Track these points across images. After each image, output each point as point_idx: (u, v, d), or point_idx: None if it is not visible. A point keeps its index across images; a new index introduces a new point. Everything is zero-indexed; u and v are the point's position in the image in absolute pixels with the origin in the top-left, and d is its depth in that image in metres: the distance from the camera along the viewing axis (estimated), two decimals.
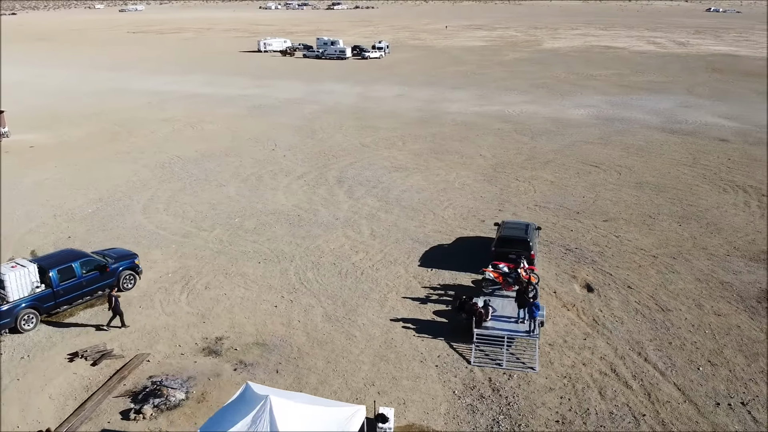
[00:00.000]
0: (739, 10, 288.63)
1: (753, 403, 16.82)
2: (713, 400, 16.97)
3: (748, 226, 30.26)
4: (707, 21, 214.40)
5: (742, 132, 51.99)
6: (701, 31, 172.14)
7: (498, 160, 43.04)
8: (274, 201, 34.65)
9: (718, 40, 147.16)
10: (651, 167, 40.99)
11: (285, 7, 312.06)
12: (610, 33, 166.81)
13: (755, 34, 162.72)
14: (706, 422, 16.10)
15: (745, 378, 17.96)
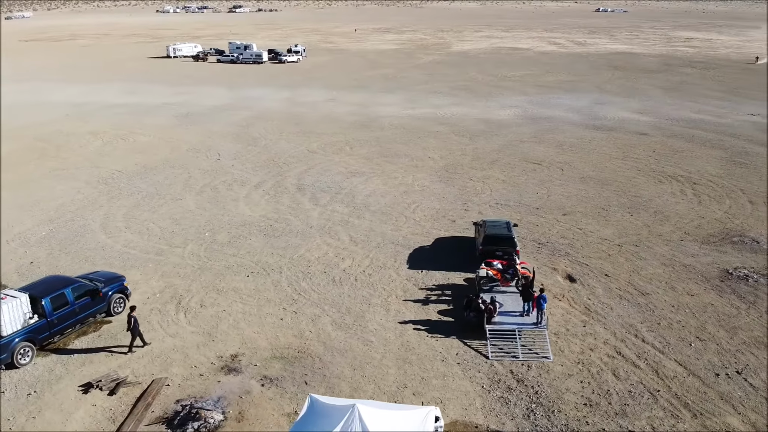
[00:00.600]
0: (626, 9, 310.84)
1: (746, 371, 18.88)
2: (712, 372, 18.90)
3: (691, 212, 33.32)
4: (598, 21, 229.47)
5: (657, 125, 56.61)
6: (595, 30, 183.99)
7: (447, 162, 44.47)
8: (239, 212, 34.09)
9: (613, 39, 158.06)
10: (588, 162, 43.90)
11: (183, 10, 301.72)
12: (512, 35, 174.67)
13: (644, 32, 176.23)
14: (712, 392, 17.93)
15: (732, 350, 20.09)
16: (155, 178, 40.75)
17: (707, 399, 17.58)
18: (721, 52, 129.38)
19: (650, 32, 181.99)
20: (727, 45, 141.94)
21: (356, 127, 57.08)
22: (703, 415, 16.91)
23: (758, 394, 17.71)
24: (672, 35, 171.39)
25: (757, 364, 19.16)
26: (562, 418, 16.94)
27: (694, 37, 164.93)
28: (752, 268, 26.23)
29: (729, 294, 23.89)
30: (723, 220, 31.97)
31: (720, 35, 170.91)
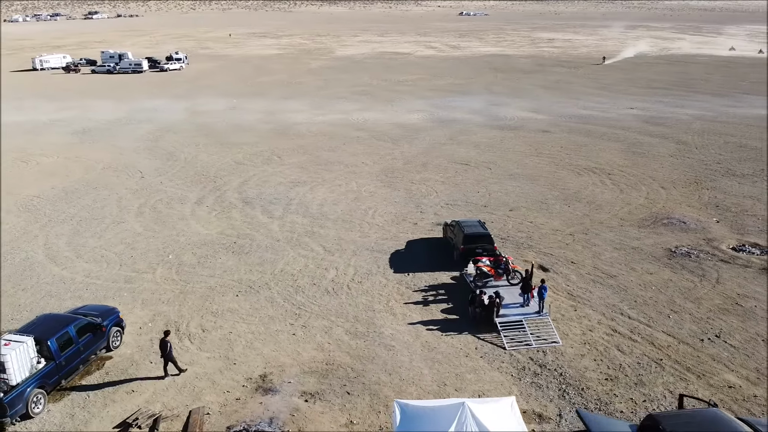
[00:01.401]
0: (487, 12, 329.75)
1: (723, 335, 21.95)
2: (697, 338, 21.76)
3: (617, 200, 37.18)
4: (464, 24, 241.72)
5: (554, 123, 61.64)
6: (464, 34, 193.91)
7: (382, 167, 45.69)
8: (193, 231, 33.04)
9: (483, 42, 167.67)
10: (509, 161, 47.12)
11: (34, 18, 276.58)
12: (389, 39, 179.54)
13: (509, 34, 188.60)
14: (703, 355, 20.71)
15: (704, 318, 23.19)
16: (82, 201, 38.14)
17: (702, 361, 20.30)
18: (583, 51, 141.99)
19: (514, 34, 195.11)
20: (586, 44, 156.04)
21: (274, 136, 56.65)
22: (705, 375, 19.55)
23: (740, 353, 20.74)
24: (534, 36, 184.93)
25: (729, 328, 22.32)
26: (593, 394, 18.80)
27: (555, 38, 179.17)
28: (689, 245, 30.06)
29: (681, 270, 27.30)
30: (647, 206, 36.04)
31: (576, 35, 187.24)
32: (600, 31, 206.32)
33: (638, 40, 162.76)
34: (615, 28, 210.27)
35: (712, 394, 18.44)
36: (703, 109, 68.46)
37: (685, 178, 41.62)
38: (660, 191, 38.69)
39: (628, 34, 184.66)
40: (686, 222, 33.22)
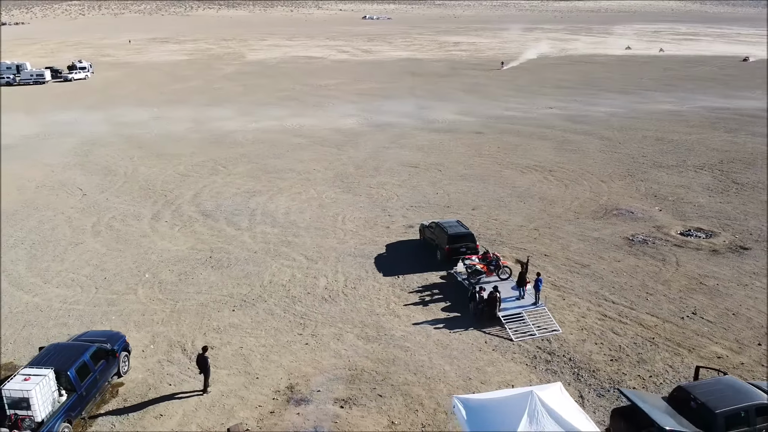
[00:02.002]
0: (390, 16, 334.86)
1: (699, 311, 24.39)
2: (677, 316, 24.07)
3: (566, 195, 39.76)
4: (369, 28, 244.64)
5: (484, 124, 64.40)
6: (372, 38, 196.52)
7: (335, 172, 46.07)
8: (161, 248, 32.06)
9: (393, 46, 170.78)
10: (455, 162, 48.92)
11: None
12: (298, 43, 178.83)
13: (415, 38, 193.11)
14: (688, 331, 22.98)
15: (677, 298, 25.63)
16: (27, 223, 35.85)
17: (689, 337, 22.55)
18: (489, 54, 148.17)
19: (421, 38, 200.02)
20: (491, 47, 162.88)
21: (210, 145, 55.51)
22: (695, 349, 21.76)
23: (718, 327, 23.20)
24: (441, 40, 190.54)
25: (702, 306, 24.84)
26: (604, 375, 20.45)
27: (461, 42, 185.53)
28: (643, 233, 32.86)
29: (643, 256, 29.89)
30: (594, 199, 38.85)
31: (479, 38, 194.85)
32: (500, 33, 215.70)
33: (538, 41, 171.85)
34: (513, 31, 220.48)
35: (706, 364, 20.59)
36: (615, 106, 73.91)
37: (619, 171, 45.07)
38: (601, 185, 41.73)
39: (527, 36, 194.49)
40: (634, 212, 36.18)
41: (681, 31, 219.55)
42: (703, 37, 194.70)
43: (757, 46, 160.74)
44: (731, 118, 65.06)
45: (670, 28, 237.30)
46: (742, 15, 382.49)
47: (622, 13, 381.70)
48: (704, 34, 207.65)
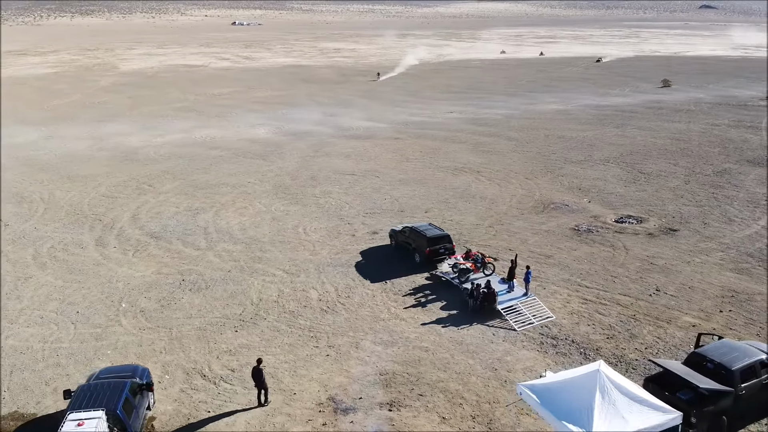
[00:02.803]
0: (261, 22, 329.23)
1: (662, 288, 27.73)
2: (646, 294, 27.26)
3: (503, 193, 42.72)
4: (242, 34, 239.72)
5: (396, 130, 66.58)
6: (249, 45, 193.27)
7: (272, 184, 45.84)
8: (124, 275, 30.58)
9: (274, 53, 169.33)
10: (388, 167, 50.50)
11: None
12: (171, 51, 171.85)
13: (294, 44, 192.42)
14: (660, 306, 26.14)
15: (637, 278, 28.95)
16: None
17: (663, 311, 25.72)
18: (373, 60, 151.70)
19: (299, 44, 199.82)
20: (372, 53, 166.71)
21: (123, 163, 52.89)
22: (671, 321, 24.92)
23: (681, 300, 26.64)
24: (321, 46, 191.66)
25: (661, 283, 28.27)
26: (607, 351, 22.90)
27: (341, 48, 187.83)
28: (584, 223, 36.36)
29: (594, 243, 33.22)
30: (528, 195, 42.12)
31: (358, 44, 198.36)
32: (376, 40, 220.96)
33: (415, 47, 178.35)
34: (388, 37, 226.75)
35: (687, 335, 23.77)
36: (508, 108, 79.36)
37: (539, 168, 49.03)
38: (528, 182, 45.26)
39: (403, 42, 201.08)
40: (568, 204, 39.81)
41: (541, 35, 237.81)
42: (561, 39, 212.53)
43: (607, 46, 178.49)
44: (614, 114, 72.53)
45: (530, 31, 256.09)
46: (590, 17, 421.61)
47: (483, 18, 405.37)
48: (561, 36, 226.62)
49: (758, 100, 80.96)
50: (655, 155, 52.10)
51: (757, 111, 72.76)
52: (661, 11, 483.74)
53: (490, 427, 18.96)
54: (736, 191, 41.41)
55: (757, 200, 39.29)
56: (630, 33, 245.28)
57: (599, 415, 15.39)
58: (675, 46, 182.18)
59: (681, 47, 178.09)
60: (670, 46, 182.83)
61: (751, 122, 65.48)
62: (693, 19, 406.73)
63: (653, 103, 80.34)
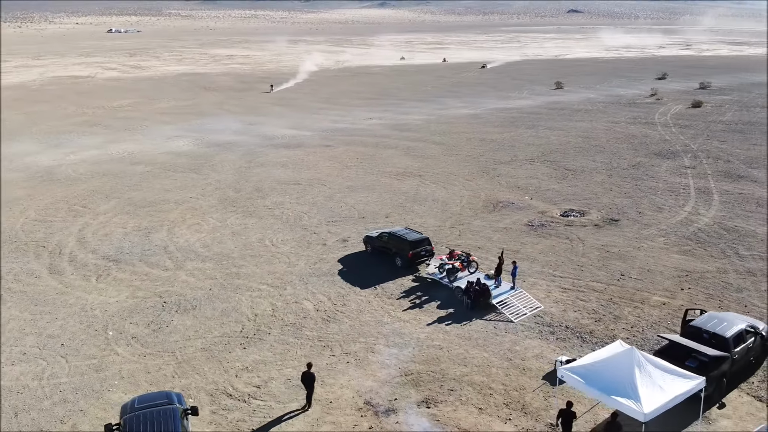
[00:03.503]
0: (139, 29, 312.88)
1: (627, 273, 30.68)
2: (614, 279, 30.03)
3: (452, 195, 44.70)
4: (123, 42, 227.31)
5: (324, 137, 67.13)
6: (134, 53, 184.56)
7: (217, 198, 44.91)
8: (97, 303, 29.09)
9: (163, 61, 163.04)
10: (331, 175, 51.05)
11: None
12: (49, 62, 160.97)
13: (183, 51, 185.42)
14: (630, 288, 28.83)
15: (602, 265, 31.74)
16: None
17: (633, 293, 28.53)
18: (272, 67, 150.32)
19: (188, 51, 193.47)
20: (269, 59, 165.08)
21: (42, 184, 49.66)
22: (644, 301, 27.76)
23: (646, 281, 29.67)
24: (213, 53, 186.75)
25: (623, 268, 31.22)
26: (599, 333, 25.19)
27: (234, 54, 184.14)
28: (535, 218, 39.05)
29: (551, 237, 35.91)
30: (475, 196, 44.43)
31: (250, 51, 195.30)
32: (267, 46, 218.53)
33: (310, 54, 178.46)
34: (280, 43, 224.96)
35: (661, 312, 26.66)
36: (423, 113, 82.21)
37: (474, 170, 51.66)
38: (470, 183, 47.65)
39: (296, 49, 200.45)
40: (514, 203, 42.52)
41: (429, 41, 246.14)
42: (449, 45, 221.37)
43: (493, 51, 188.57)
44: (521, 116, 77.43)
45: (418, 38, 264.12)
46: (469, 23, 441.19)
47: (369, 24, 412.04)
48: (448, 42, 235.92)
49: (644, 98, 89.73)
50: (573, 153, 56.54)
51: (646, 108, 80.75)
52: (533, 16, 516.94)
53: (525, 411, 20.44)
54: (655, 182, 46.17)
55: (676, 189, 44.11)
56: (511, 38, 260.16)
57: (642, 387, 17.29)
58: (554, 49, 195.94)
59: (560, 50, 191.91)
60: (549, 49, 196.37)
61: (645, 119, 72.66)
62: (563, 23, 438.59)
63: (553, 104, 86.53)
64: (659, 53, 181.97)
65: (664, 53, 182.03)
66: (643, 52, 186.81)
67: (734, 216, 38.06)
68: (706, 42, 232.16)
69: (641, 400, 16.94)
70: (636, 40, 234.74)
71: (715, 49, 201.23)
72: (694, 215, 38.53)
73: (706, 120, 71.22)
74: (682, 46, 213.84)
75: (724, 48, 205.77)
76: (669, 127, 67.25)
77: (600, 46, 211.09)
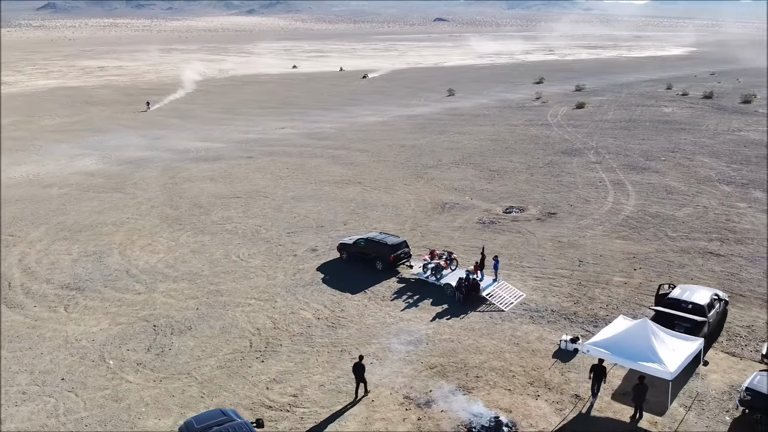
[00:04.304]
0: None
1: (582, 260, 34.15)
2: (575, 265, 33.33)
3: (399, 200, 46.50)
4: None
5: (241, 149, 66.47)
6: None
7: (157, 217, 43.45)
8: (80, 334, 27.68)
9: (28, 75, 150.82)
10: (270, 187, 50.96)
11: None
12: None
13: (47, 64, 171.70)
14: (590, 272, 32.20)
15: (558, 254, 35.01)
16: None
17: (597, 276, 31.89)
18: (151, 77, 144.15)
19: (53, 64, 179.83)
20: (145, 70, 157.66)
21: None
22: (608, 282, 31.22)
23: (603, 265, 33.24)
24: (81, 65, 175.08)
25: (579, 256, 34.68)
26: (581, 314, 28.10)
27: (106, 65, 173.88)
28: (483, 216, 41.92)
29: (504, 232, 38.83)
30: (420, 199, 46.62)
31: (122, 62, 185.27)
32: (139, 56, 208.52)
33: (189, 63, 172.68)
34: (151, 52, 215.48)
35: (626, 291, 30.25)
36: (333, 122, 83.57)
37: (408, 175, 53.87)
38: (410, 187, 49.79)
39: (172, 58, 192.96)
40: (458, 203, 45.24)
41: (308, 49, 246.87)
42: (330, 53, 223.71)
43: (375, 59, 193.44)
44: (428, 122, 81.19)
45: (296, 45, 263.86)
46: (343, 31, 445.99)
47: (240, 32, 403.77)
48: (328, 50, 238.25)
49: (531, 102, 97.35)
50: (490, 155, 60.64)
51: (537, 111, 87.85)
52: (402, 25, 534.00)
53: (548, 387, 22.67)
54: (572, 177, 51.05)
55: (594, 182, 49.17)
56: (387, 46, 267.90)
57: (661, 351, 20.13)
58: (432, 57, 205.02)
59: (438, 58, 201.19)
60: (428, 57, 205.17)
61: (540, 121, 79.20)
62: (432, 31, 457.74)
63: (452, 111, 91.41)
64: (528, 59, 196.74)
65: (532, 59, 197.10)
66: (513, 58, 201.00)
67: (651, 203, 43.36)
68: (566, 47, 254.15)
69: (665, 362, 19.73)
70: (503, 46, 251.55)
71: (576, 53, 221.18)
72: (618, 205, 43.37)
73: (593, 119, 79.07)
74: (546, 51, 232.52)
75: (583, 52, 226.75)
76: (564, 128, 73.93)
77: (472, 53, 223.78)
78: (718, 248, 34.93)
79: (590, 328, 26.57)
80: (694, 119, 77.97)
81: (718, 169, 52.17)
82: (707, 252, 34.45)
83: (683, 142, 64.08)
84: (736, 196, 44.59)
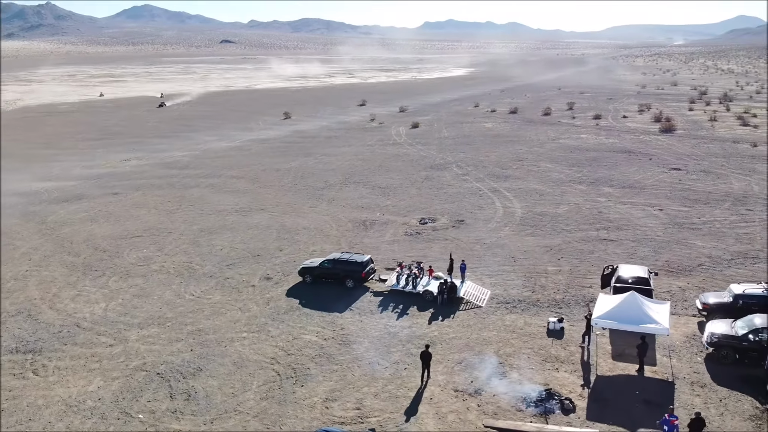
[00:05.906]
0: None
1: (514, 256, 39.26)
2: (511, 261, 38.04)
3: (314, 222, 47.63)
4: None
5: (102, 186, 61.75)
6: None
7: (62, 266, 39.64)
8: (72, 396, 25.22)
9: None
10: (167, 222, 48.53)
11: None
12: None
13: None
14: (527, 265, 37.08)
15: (489, 253, 39.65)
16: None
17: (534, 268, 36.82)
18: None
19: None
20: None
21: None
22: (546, 272, 36.38)
23: (531, 259, 38.69)
24: None
25: (510, 253, 39.81)
26: (544, 299, 32.75)
27: None
28: (407, 229, 45.17)
29: (433, 240, 42.27)
30: (336, 219, 48.18)
31: None
32: None
33: None
34: None
35: (564, 276, 35.96)
36: (182, 150, 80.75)
37: (307, 198, 54.46)
38: (318, 209, 51.03)
39: None
40: (375, 219, 48.03)
41: (94, 73, 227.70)
42: (123, 77, 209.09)
43: (174, 83, 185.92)
44: (285, 146, 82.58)
45: (80, 70, 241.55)
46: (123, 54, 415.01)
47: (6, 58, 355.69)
48: (119, 74, 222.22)
49: (368, 122, 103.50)
50: (369, 173, 64.37)
51: (380, 131, 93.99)
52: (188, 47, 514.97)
53: (559, 360, 26.80)
54: (454, 189, 56.98)
55: (475, 192, 55.48)
56: (183, 69, 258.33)
57: (653, 314, 25.55)
58: (240, 80, 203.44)
59: (247, 81, 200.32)
60: (234, 80, 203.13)
61: (390, 141, 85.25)
62: (220, 53, 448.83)
63: (300, 133, 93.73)
64: (335, 82, 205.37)
65: (339, 82, 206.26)
66: (321, 81, 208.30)
67: (533, 204, 50.76)
68: (362, 70, 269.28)
69: (659, 322, 25.16)
70: (304, 69, 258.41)
71: (376, 76, 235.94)
72: (508, 208, 49.97)
73: (434, 137, 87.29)
74: (347, 74, 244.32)
75: (381, 75, 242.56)
76: (414, 146, 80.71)
77: (278, 76, 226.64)
78: (608, 235, 42.75)
79: (557, 310, 31.52)
80: (515, 132, 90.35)
81: (565, 172, 62.28)
82: (602, 239, 41.99)
83: (521, 151, 74.50)
84: (593, 192, 54.16)
